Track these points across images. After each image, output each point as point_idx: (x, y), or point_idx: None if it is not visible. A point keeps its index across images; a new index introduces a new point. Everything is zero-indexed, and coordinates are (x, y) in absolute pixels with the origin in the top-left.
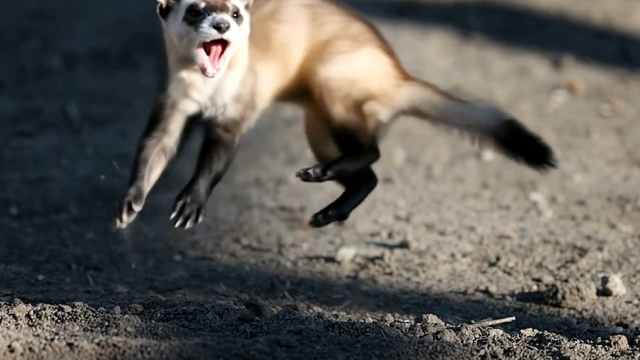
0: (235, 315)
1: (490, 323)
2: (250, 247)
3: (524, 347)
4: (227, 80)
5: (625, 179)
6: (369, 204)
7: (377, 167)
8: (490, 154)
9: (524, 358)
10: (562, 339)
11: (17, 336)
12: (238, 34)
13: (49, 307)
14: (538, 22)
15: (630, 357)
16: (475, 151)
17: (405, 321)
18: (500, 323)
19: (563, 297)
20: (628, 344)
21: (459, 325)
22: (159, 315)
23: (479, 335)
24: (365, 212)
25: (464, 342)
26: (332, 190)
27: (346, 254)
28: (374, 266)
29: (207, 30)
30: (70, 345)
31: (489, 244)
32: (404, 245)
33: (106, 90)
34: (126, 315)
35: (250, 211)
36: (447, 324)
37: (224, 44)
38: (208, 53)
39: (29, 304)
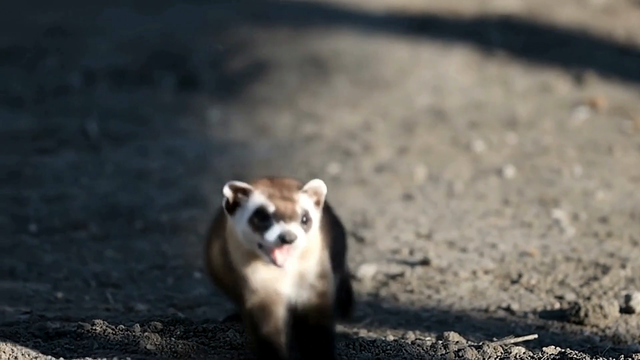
0: None
1: (512, 341)
2: None
3: None
4: (305, 267)
5: None
6: (390, 221)
7: (399, 184)
8: (511, 171)
9: None
10: (584, 357)
11: (36, 354)
12: (305, 240)
13: (68, 325)
14: (560, 39)
15: None
16: (496, 168)
17: (426, 339)
18: (523, 341)
19: (586, 315)
20: None
21: (481, 343)
22: (178, 333)
23: (501, 353)
24: (386, 229)
25: None
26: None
27: (367, 271)
28: (395, 283)
29: (273, 242)
30: None
31: (511, 261)
32: (425, 262)
33: (125, 108)
34: (146, 333)
35: None
36: (469, 342)
37: None
38: None
39: (48, 322)
